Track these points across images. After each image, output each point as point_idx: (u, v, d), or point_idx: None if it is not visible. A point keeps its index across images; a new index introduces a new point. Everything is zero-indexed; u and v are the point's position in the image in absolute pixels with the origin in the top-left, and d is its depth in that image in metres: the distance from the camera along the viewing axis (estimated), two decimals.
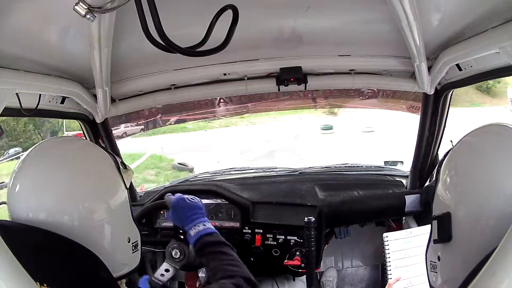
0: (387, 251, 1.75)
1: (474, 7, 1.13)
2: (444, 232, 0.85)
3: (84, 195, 0.88)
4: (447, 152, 0.94)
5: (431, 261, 0.93)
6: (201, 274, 1.90)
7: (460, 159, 0.90)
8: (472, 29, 1.22)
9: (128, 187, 1.03)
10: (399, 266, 1.76)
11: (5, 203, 0.92)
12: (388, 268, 1.75)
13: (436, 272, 0.91)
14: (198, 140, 13.46)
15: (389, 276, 1.74)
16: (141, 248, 1.05)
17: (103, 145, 1.05)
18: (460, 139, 0.92)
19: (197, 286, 1.95)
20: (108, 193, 0.95)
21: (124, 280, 1.02)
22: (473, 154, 0.87)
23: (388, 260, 1.75)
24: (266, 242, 1.81)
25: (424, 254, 0.97)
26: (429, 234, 0.95)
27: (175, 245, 1.47)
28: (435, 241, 0.90)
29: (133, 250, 1.00)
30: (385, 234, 1.77)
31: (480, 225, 0.78)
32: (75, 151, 0.96)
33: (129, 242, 0.99)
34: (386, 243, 1.76)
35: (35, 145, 0.95)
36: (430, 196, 0.96)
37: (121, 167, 1.02)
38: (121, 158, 1.25)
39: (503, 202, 0.76)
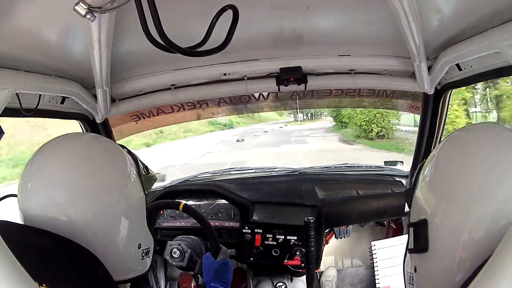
0: (375, 260, 1.74)
1: (474, 7, 1.13)
2: (419, 241, 0.74)
3: (96, 192, 0.85)
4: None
5: (408, 271, 0.83)
6: None
7: (444, 156, 0.77)
8: (472, 29, 1.22)
9: (147, 192, 1.00)
10: (387, 274, 1.74)
11: (13, 196, 0.90)
12: (376, 277, 1.73)
13: (412, 285, 0.81)
14: None
15: (377, 286, 1.72)
16: (152, 255, 1.02)
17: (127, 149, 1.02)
18: (449, 134, 0.80)
19: (192, 287, 1.94)
20: (123, 194, 0.91)
21: (128, 284, 1.00)
22: (461, 150, 0.74)
23: (376, 268, 1.73)
24: (266, 242, 1.81)
25: (402, 264, 0.88)
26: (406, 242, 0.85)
27: (176, 245, 1.45)
28: (410, 251, 0.80)
29: (142, 256, 0.98)
30: (373, 243, 1.76)
31: (463, 237, 0.67)
32: (92, 147, 0.93)
33: (139, 248, 0.96)
34: (374, 251, 1.74)
35: (50, 140, 0.92)
36: (409, 200, 0.84)
37: (143, 171, 0.99)
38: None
39: (495, 210, 0.65)
